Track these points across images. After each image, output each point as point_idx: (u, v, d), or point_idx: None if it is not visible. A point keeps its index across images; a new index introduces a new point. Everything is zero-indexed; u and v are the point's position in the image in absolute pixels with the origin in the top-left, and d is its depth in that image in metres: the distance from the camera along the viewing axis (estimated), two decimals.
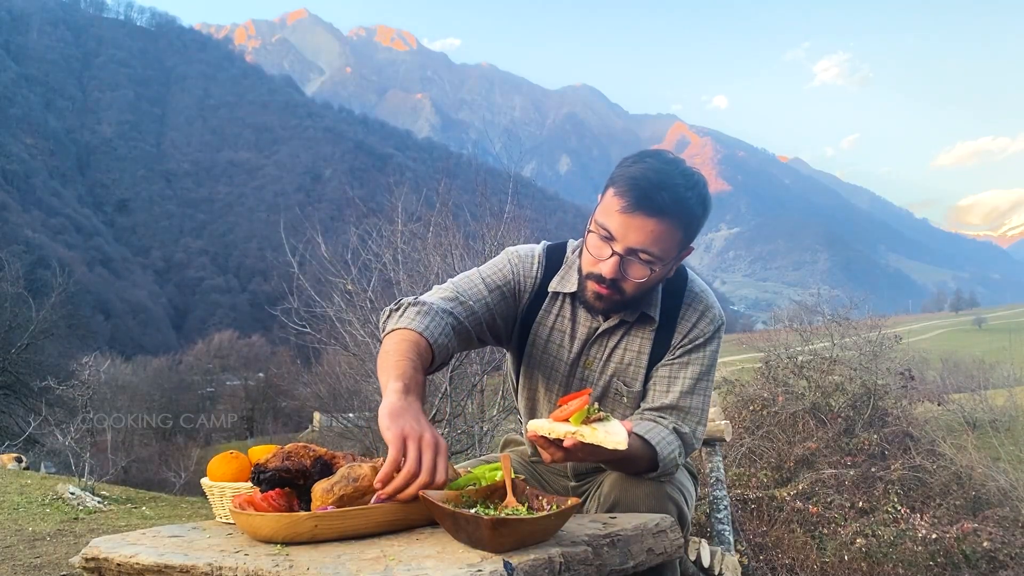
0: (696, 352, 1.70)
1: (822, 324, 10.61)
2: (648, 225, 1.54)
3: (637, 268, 1.58)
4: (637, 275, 1.59)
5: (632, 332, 1.74)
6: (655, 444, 1.55)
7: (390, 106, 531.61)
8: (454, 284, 1.74)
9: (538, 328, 1.79)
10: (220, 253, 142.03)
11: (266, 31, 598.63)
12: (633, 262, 1.58)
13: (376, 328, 7.41)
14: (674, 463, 1.60)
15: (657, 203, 1.53)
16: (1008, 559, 6.03)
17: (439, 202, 8.33)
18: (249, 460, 1.49)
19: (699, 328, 1.71)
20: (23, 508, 6.06)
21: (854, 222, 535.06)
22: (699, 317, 1.71)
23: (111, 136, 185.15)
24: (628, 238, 1.56)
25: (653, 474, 1.58)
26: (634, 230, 1.55)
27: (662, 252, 1.57)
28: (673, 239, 1.58)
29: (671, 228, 1.56)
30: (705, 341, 1.71)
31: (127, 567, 1.20)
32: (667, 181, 1.55)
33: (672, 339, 1.71)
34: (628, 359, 1.73)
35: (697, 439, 1.68)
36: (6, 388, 18.95)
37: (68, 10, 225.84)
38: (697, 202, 1.59)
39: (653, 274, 1.60)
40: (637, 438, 1.53)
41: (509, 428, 6.83)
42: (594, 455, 1.36)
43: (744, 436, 7.67)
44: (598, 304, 1.66)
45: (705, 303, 1.73)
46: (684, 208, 1.56)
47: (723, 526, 3.00)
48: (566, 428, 1.32)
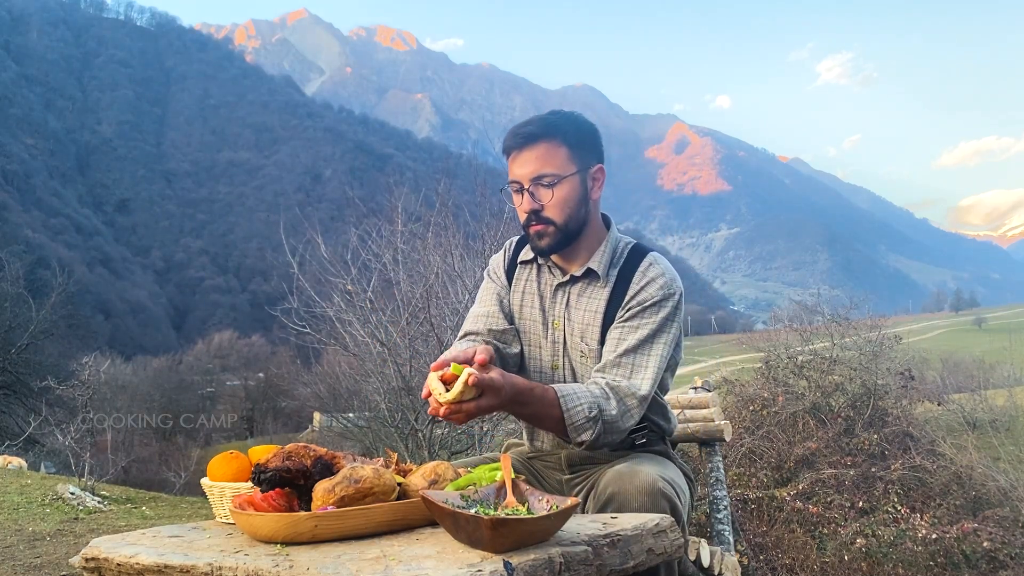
0: (645, 315, 1.77)
1: (822, 324, 10.59)
2: (530, 154, 1.78)
3: (544, 191, 1.78)
4: (546, 198, 1.78)
5: (587, 293, 1.86)
6: (560, 395, 1.63)
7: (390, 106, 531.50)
8: (463, 330, 1.96)
9: (513, 296, 1.97)
10: (220, 253, 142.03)
11: (266, 31, 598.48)
12: (539, 189, 1.78)
13: (376, 328, 7.42)
14: (589, 417, 1.64)
15: (524, 133, 1.78)
16: (1008, 559, 6.03)
17: (439, 202, 8.32)
18: (249, 460, 1.49)
19: (648, 291, 1.78)
20: (23, 508, 6.05)
21: (854, 222, 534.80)
22: (649, 282, 1.80)
23: (111, 136, 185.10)
24: (524, 172, 1.78)
25: (573, 429, 1.64)
26: (523, 164, 1.78)
27: (556, 168, 1.77)
28: (558, 154, 1.77)
29: (549, 146, 1.77)
30: (654, 304, 1.77)
31: (127, 567, 1.20)
32: (532, 118, 1.81)
33: (623, 303, 1.79)
34: (587, 320, 1.84)
35: (638, 394, 1.70)
36: (6, 388, 18.95)
37: (68, 10, 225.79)
38: (566, 121, 1.80)
39: (563, 192, 1.77)
40: (543, 390, 1.64)
41: (509, 428, 6.84)
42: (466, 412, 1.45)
43: (744, 436, 7.66)
44: (540, 243, 1.82)
45: (657, 271, 1.81)
46: (551, 127, 1.78)
47: (723, 526, 3.00)
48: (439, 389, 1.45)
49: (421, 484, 1.35)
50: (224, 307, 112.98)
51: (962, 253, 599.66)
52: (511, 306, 1.97)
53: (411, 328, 7.23)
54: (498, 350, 1.86)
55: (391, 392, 7.43)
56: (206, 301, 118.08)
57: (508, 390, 1.51)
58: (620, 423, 1.69)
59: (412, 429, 7.13)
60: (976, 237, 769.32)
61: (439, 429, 7.18)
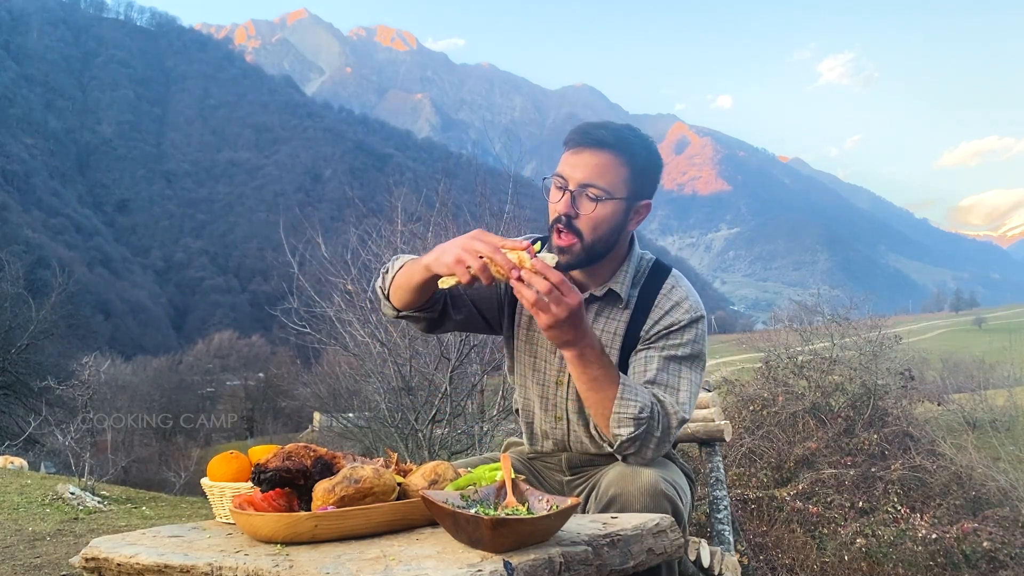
0: (672, 338, 1.72)
1: (822, 324, 10.60)
2: (592, 158, 1.66)
3: (587, 203, 1.66)
4: (587, 210, 1.66)
5: (606, 313, 1.78)
6: (622, 381, 1.59)
7: (390, 106, 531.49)
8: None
9: (521, 306, 1.85)
10: (220, 253, 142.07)
11: (266, 31, 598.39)
12: (583, 197, 1.66)
13: (376, 328, 7.42)
14: (638, 417, 1.58)
15: (596, 136, 1.67)
16: (1008, 559, 6.03)
17: (439, 202, 8.32)
18: (249, 460, 1.49)
19: (673, 316, 1.73)
20: (23, 508, 6.05)
21: (854, 222, 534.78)
22: (674, 306, 1.74)
23: (111, 136, 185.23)
24: (575, 174, 1.67)
25: (617, 419, 1.59)
26: (579, 166, 1.67)
27: (609, 185, 1.66)
28: (618, 174, 1.67)
29: (614, 161, 1.66)
30: (680, 329, 1.73)
31: (127, 567, 1.20)
32: (608, 124, 1.71)
33: (645, 325, 1.74)
34: (605, 341, 1.76)
35: (679, 412, 1.65)
36: (6, 388, 18.95)
37: (68, 10, 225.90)
38: (640, 144, 1.70)
39: (605, 212, 1.66)
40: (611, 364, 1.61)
41: (509, 428, 6.84)
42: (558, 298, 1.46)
43: (744, 436, 7.66)
44: (561, 258, 1.69)
45: (682, 294, 1.76)
46: (625, 143, 1.67)
47: (723, 526, 3.00)
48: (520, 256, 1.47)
49: (421, 484, 1.35)
50: (224, 307, 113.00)
51: (962, 253, 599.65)
52: (521, 315, 1.87)
53: (410, 328, 7.22)
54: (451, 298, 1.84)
55: (391, 392, 7.44)
56: (206, 301, 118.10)
57: (585, 320, 1.52)
58: (660, 441, 1.62)
59: (412, 429, 7.13)
60: (976, 237, 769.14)
61: (439, 429, 7.18)
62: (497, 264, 1.47)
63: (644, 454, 1.62)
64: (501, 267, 1.46)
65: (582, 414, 1.82)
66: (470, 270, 1.47)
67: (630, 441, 1.60)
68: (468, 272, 1.48)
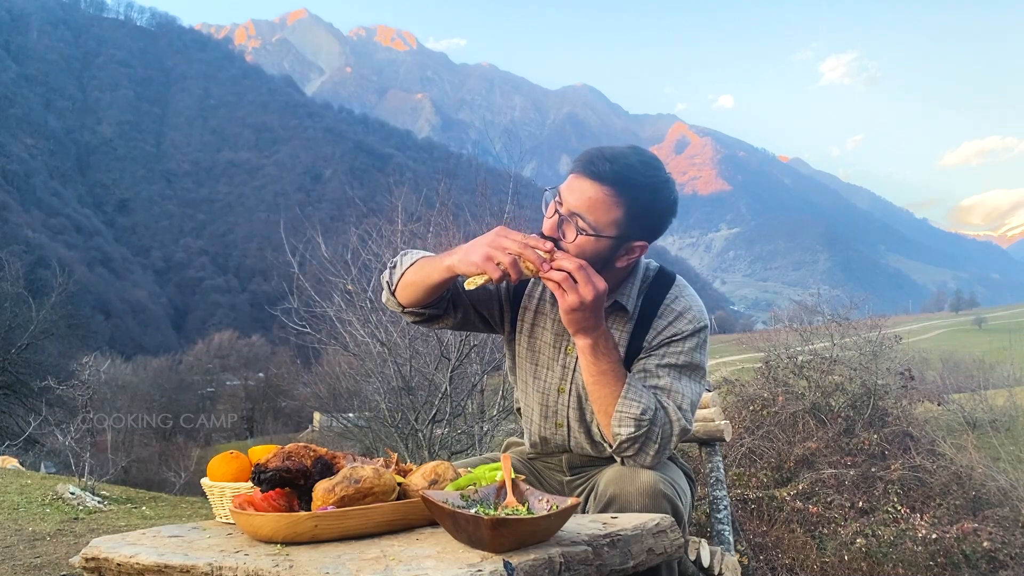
0: (674, 347, 1.72)
1: (822, 324, 10.60)
2: (588, 190, 1.59)
3: (571, 231, 1.60)
4: (570, 238, 1.60)
5: (610, 323, 1.74)
6: (629, 380, 1.61)
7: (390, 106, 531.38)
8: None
9: (524, 313, 1.85)
10: (220, 253, 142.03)
11: (266, 31, 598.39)
12: (570, 225, 1.60)
13: (376, 328, 7.42)
14: (639, 417, 1.59)
15: (598, 169, 1.58)
16: (1008, 559, 6.03)
17: (439, 202, 8.33)
18: (249, 460, 1.49)
19: (676, 326, 1.73)
20: (23, 508, 6.05)
21: (854, 222, 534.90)
22: (676, 317, 1.74)
23: (111, 136, 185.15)
24: (569, 199, 1.61)
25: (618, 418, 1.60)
26: (574, 192, 1.61)
27: (596, 222, 1.59)
28: (609, 212, 1.59)
29: (608, 198, 1.58)
30: (683, 338, 1.72)
31: (127, 567, 1.20)
32: (619, 157, 1.60)
33: (648, 335, 1.74)
34: None
35: (680, 420, 1.65)
36: (6, 388, 18.94)
37: (68, 10, 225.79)
38: (646, 185, 1.61)
39: (584, 246, 1.59)
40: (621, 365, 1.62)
41: (509, 428, 6.84)
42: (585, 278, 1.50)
43: (744, 436, 7.66)
44: None
45: (685, 304, 1.75)
46: (626, 181, 1.58)
47: (723, 526, 3.00)
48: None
49: (421, 484, 1.35)
50: (224, 307, 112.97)
51: (962, 253, 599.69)
52: (519, 320, 1.87)
53: (411, 328, 7.22)
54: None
55: (391, 392, 7.44)
56: (206, 301, 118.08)
57: (603, 312, 1.56)
58: (660, 447, 1.62)
59: (412, 429, 7.13)
60: (976, 237, 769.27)
61: (439, 429, 7.18)
62: (527, 259, 1.48)
63: (643, 457, 1.62)
64: (532, 261, 1.48)
65: (583, 421, 1.81)
66: (500, 267, 1.48)
67: (629, 442, 1.60)
68: (499, 269, 1.48)
